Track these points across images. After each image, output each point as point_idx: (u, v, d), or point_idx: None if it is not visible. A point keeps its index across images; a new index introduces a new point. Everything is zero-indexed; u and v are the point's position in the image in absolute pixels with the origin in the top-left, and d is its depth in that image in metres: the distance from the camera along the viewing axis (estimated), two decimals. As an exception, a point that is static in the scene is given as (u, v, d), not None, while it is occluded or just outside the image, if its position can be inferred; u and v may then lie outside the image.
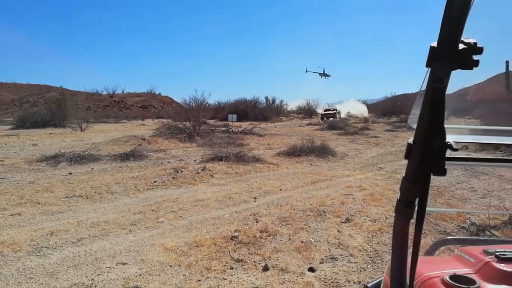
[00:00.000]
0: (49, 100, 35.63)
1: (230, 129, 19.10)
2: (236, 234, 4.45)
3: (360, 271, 3.46)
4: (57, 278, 3.37)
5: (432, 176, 0.67)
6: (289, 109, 55.79)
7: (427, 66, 0.65)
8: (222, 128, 20.30)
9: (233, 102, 46.85)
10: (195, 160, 10.23)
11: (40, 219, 5.24)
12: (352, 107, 54.68)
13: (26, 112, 31.66)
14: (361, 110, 52.63)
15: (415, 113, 0.70)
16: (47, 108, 29.13)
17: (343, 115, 47.69)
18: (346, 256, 3.80)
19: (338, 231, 4.59)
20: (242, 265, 3.60)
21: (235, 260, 3.72)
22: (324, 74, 64.24)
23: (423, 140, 0.65)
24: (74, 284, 3.22)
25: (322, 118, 40.66)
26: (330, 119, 38.68)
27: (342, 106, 54.66)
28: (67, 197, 6.34)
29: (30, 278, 3.39)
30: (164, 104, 61.04)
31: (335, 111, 43.47)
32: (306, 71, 64.27)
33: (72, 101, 36.99)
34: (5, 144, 15.73)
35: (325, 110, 45.76)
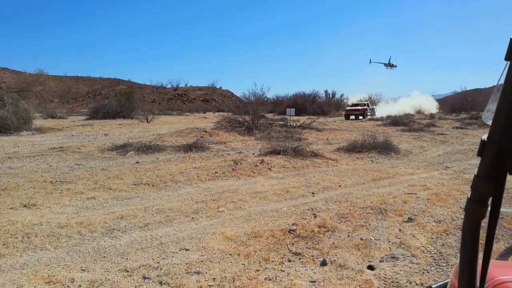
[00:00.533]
0: (119, 92, 37.99)
1: (288, 123, 19.08)
2: (294, 227, 4.48)
3: (423, 272, 3.33)
4: (127, 259, 3.63)
5: (508, 176, 0.65)
6: (349, 103, 53.70)
7: (506, 59, 0.61)
8: (280, 122, 20.34)
9: (291, 96, 46.73)
10: (253, 153, 10.39)
11: (112, 203, 5.66)
12: (419, 101, 46.66)
13: (99, 103, 34.10)
14: (430, 105, 45.74)
15: (491, 109, 0.67)
16: (117, 100, 31.14)
17: (409, 110, 39.25)
18: (408, 256, 3.68)
19: (400, 230, 4.44)
20: (300, 259, 3.63)
21: (293, 253, 3.76)
22: (389, 65, 58.94)
23: (499, 136, 0.63)
24: (142, 266, 3.45)
25: (347, 117, 32.32)
26: (360, 118, 31.29)
27: (409, 99, 46.94)
28: (135, 184, 6.76)
29: (104, 257, 3.68)
30: (224, 98, 62.53)
31: (365, 107, 33.16)
32: (370, 61, 59.87)
33: (139, 94, 39.15)
34: (81, 133, 17.12)
35: (352, 105, 35.70)
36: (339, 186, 6.91)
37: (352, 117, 31.86)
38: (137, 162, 8.99)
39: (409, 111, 38.34)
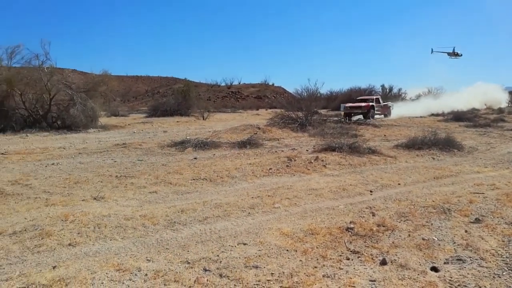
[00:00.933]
0: (176, 91, 39.44)
1: (343, 119, 18.69)
2: (352, 226, 4.40)
3: (494, 277, 3.13)
4: (188, 251, 3.78)
5: None
6: (408, 98, 50.83)
7: None
8: (334, 118, 20.00)
9: (346, 91, 45.66)
10: (307, 150, 10.32)
11: (172, 197, 5.91)
12: (484, 92, 38.32)
13: (157, 102, 35.70)
14: (498, 98, 40.51)
15: None
16: (174, 99, 32.39)
17: (473, 103, 33.62)
18: (476, 259, 3.47)
19: (466, 231, 4.20)
20: (358, 257, 3.56)
21: (351, 251, 3.70)
22: (454, 54, 53.87)
23: None
24: (203, 258, 3.57)
25: (347, 116, 23.44)
26: (368, 119, 22.37)
27: (472, 90, 41.20)
28: (193, 179, 7.00)
29: (166, 248, 3.87)
30: (277, 94, 62.70)
31: (369, 104, 24.11)
32: (432, 51, 55.46)
33: (195, 92, 40.36)
34: (142, 130, 18.01)
35: (356, 100, 26.36)
36: (398, 184, 6.67)
37: (359, 116, 23.47)
38: (195, 158, 9.29)
39: (473, 105, 34.34)
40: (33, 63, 18.68)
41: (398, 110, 29.23)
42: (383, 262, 3.40)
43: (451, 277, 3.12)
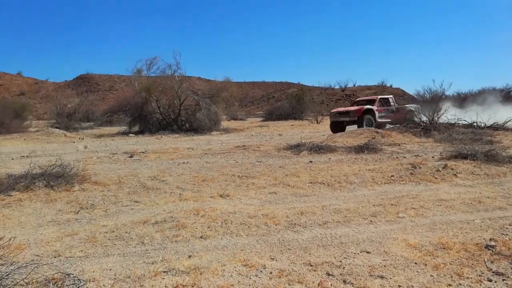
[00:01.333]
0: (290, 95, 40.23)
1: (475, 123, 16.72)
2: (492, 243, 3.91)
3: None
4: (310, 254, 3.80)
5: None
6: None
7: None
8: (463, 122, 18.01)
9: (476, 92, 40.82)
10: (433, 157, 9.50)
11: (291, 199, 6.03)
12: None
13: (272, 106, 37.04)
14: None
15: None
16: (288, 103, 33.18)
17: None
18: None
19: None
20: (503, 280, 3.14)
21: (493, 272, 3.28)
22: None
23: None
24: (325, 262, 3.56)
25: (335, 126, 17.95)
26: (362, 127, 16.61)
27: None
28: (310, 182, 7.03)
29: (288, 249, 3.96)
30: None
31: (359, 108, 17.63)
32: None
33: (309, 96, 40.54)
34: (259, 133, 18.80)
35: (353, 102, 21.11)
36: (551, 199, 5.70)
37: (366, 125, 17.05)
38: (310, 162, 9.32)
39: None
40: (167, 72, 21.10)
41: None
42: (537, 289, 2.94)
43: None
